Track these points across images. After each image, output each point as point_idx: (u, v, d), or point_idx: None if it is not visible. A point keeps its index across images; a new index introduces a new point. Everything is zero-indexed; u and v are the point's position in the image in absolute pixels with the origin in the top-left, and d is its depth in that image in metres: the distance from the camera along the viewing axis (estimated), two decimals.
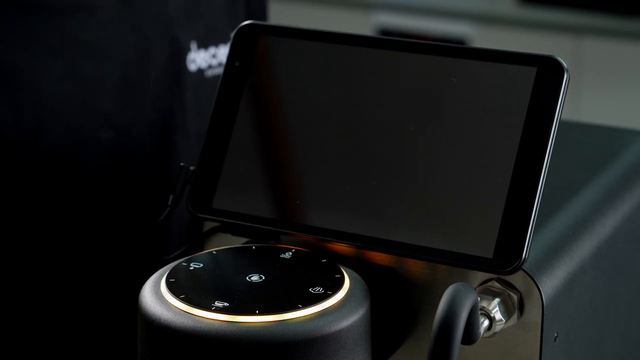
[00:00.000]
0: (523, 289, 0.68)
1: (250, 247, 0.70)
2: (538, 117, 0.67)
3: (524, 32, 2.61)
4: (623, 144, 0.87)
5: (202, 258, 0.69)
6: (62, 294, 0.95)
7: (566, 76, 0.68)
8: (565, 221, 0.74)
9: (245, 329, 0.61)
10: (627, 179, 0.82)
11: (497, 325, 0.67)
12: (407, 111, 0.71)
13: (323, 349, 0.62)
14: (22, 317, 0.94)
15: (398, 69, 0.72)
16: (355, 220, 0.70)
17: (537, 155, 0.67)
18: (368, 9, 2.82)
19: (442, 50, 0.71)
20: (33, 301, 0.94)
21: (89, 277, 0.96)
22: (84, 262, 0.95)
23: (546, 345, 0.68)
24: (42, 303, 0.94)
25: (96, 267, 0.97)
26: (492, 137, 0.68)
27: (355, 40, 0.74)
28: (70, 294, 0.95)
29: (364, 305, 0.65)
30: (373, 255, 0.71)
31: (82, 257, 0.95)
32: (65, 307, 0.95)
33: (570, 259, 0.71)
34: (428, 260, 0.69)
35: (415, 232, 0.68)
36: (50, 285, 0.94)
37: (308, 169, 0.72)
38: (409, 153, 0.70)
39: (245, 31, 0.77)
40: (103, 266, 0.97)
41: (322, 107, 0.73)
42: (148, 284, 0.66)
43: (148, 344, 0.64)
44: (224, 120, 0.76)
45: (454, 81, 0.70)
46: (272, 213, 0.73)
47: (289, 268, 0.68)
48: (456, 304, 0.59)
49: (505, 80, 0.69)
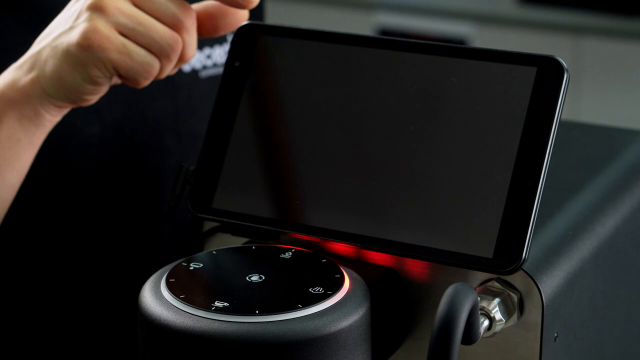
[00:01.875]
0: (523, 289, 0.67)
1: (250, 247, 0.70)
2: (538, 117, 0.67)
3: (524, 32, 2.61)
4: (623, 144, 0.87)
5: (202, 258, 0.69)
6: (61, 294, 0.95)
7: (566, 76, 0.68)
8: (565, 221, 0.74)
9: (245, 329, 0.61)
10: (627, 179, 0.82)
11: (497, 325, 0.67)
12: (407, 111, 0.71)
13: (323, 349, 0.62)
14: (20, 318, 0.94)
15: (398, 69, 0.72)
16: (355, 220, 0.70)
17: (537, 155, 0.67)
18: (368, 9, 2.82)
19: (442, 50, 0.71)
20: (31, 301, 0.94)
21: (86, 276, 0.96)
22: (81, 262, 0.95)
23: (546, 345, 0.68)
24: (39, 303, 0.94)
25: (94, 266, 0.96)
26: (492, 137, 0.68)
27: (355, 40, 0.74)
28: (68, 294, 0.95)
29: (364, 305, 0.65)
30: (373, 255, 0.71)
31: (79, 257, 0.95)
32: (64, 307, 0.95)
33: (570, 259, 0.71)
34: (428, 260, 0.69)
35: (415, 232, 0.68)
36: (48, 285, 0.94)
37: (308, 169, 0.72)
38: (409, 153, 0.70)
39: (245, 31, 0.77)
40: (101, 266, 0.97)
41: (322, 107, 0.73)
42: (148, 284, 0.66)
43: (148, 344, 0.64)
44: (224, 120, 0.76)
45: (454, 81, 0.70)
46: (272, 213, 0.73)
47: (289, 268, 0.68)
48: (456, 304, 0.59)
49: (505, 80, 0.69)
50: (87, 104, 0.80)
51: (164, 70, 0.80)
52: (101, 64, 0.76)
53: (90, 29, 0.76)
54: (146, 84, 0.79)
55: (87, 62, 0.76)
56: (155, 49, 0.78)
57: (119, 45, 0.76)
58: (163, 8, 0.78)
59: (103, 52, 0.76)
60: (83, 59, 0.76)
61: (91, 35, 0.76)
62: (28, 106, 0.79)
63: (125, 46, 0.77)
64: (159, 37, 0.77)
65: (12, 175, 0.81)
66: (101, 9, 0.76)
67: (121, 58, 0.76)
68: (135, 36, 0.77)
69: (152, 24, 0.77)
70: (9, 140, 0.80)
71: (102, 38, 0.76)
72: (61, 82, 0.78)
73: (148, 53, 0.77)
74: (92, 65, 0.76)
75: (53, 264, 0.94)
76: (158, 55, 0.78)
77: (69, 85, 0.78)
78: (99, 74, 0.77)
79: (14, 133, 0.80)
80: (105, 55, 0.76)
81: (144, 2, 0.77)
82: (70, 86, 0.78)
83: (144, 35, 0.77)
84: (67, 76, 0.77)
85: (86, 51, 0.76)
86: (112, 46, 0.76)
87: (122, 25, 0.76)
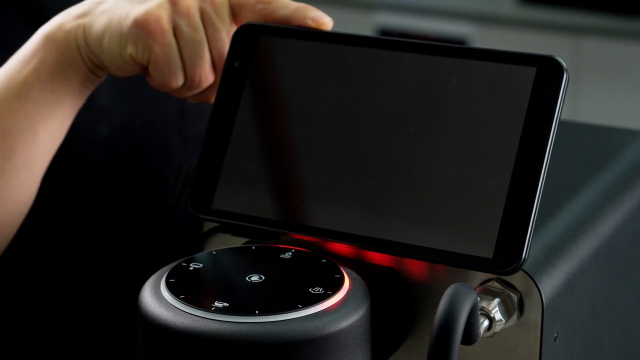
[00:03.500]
0: (523, 289, 0.67)
1: (250, 247, 0.70)
2: (538, 117, 0.67)
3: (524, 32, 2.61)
4: (623, 144, 0.87)
5: (202, 258, 0.69)
6: (62, 292, 0.95)
7: (566, 76, 0.68)
8: (565, 221, 0.74)
9: (245, 329, 0.61)
10: (627, 179, 0.82)
11: (497, 325, 0.67)
12: (407, 111, 0.71)
13: (323, 349, 0.62)
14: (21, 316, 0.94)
15: (398, 69, 0.72)
16: (355, 220, 0.70)
17: (537, 155, 0.67)
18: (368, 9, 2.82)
19: (442, 50, 0.71)
20: (33, 299, 0.94)
21: (87, 275, 0.96)
22: (83, 261, 0.95)
23: (546, 345, 0.68)
24: (41, 301, 0.94)
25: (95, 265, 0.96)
26: (492, 137, 0.68)
27: (355, 40, 0.74)
28: (69, 292, 0.95)
29: (364, 305, 0.65)
30: (373, 255, 0.71)
31: (82, 256, 0.95)
32: (65, 305, 0.95)
33: (570, 259, 0.71)
34: (428, 260, 0.69)
35: (415, 232, 0.68)
36: (50, 282, 0.94)
37: (308, 169, 0.72)
38: (408, 153, 0.70)
39: (245, 31, 0.77)
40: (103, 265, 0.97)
41: (322, 107, 0.73)
42: (148, 284, 0.66)
43: (148, 344, 0.64)
44: (224, 120, 0.76)
45: (454, 81, 0.70)
46: (272, 213, 0.73)
47: (289, 268, 0.68)
48: (456, 304, 0.59)
49: (505, 80, 0.69)
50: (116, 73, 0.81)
51: (181, 92, 0.81)
52: (141, 47, 0.78)
53: (155, 13, 0.77)
54: (162, 90, 0.81)
55: (132, 38, 0.78)
56: (188, 70, 0.79)
57: (166, 44, 0.77)
58: (220, 43, 0.79)
59: (150, 39, 0.77)
60: (129, 34, 0.78)
61: (152, 20, 0.77)
62: (68, 50, 0.80)
63: (171, 47, 0.78)
64: (200, 64, 0.78)
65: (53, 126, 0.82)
66: (174, 3, 0.78)
67: (160, 56, 0.78)
68: (183, 46, 0.78)
69: (204, 50, 0.78)
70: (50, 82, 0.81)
71: (158, 27, 0.77)
72: (100, 40, 0.79)
73: (181, 68, 0.78)
74: (134, 43, 0.78)
75: (55, 262, 0.94)
76: (187, 77, 0.79)
77: (104, 46, 0.79)
78: (135, 54, 0.78)
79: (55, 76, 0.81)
80: (150, 43, 0.77)
81: (208, 25, 0.78)
82: (105, 48, 0.79)
83: (191, 52, 0.78)
84: (108, 38, 0.79)
85: (137, 29, 0.77)
86: (162, 40, 0.77)
87: (180, 29, 0.78)
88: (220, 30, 0.78)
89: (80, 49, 0.80)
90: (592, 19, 2.53)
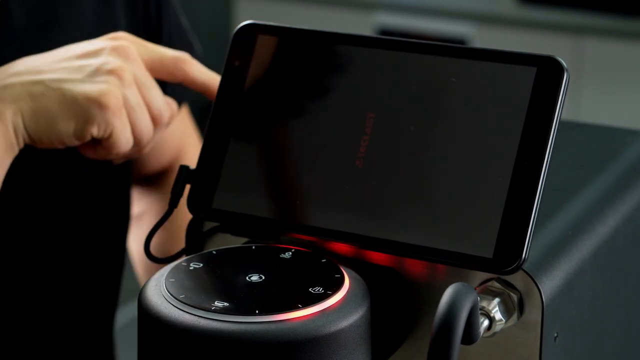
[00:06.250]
0: (523, 289, 0.67)
1: (250, 247, 0.70)
2: (538, 117, 0.67)
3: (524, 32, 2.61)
4: (623, 144, 0.87)
5: (202, 258, 0.68)
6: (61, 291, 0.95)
7: (566, 76, 0.68)
8: (565, 221, 0.74)
9: (245, 329, 0.61)
10: (627, 179, 0.82)
11: (497, 325, 0.67)
12: (407, 111, 0.71)
13: (323, 349, 0.62)
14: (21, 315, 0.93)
15: (398, 69, 0.72)
16: (355, 220, 0.70)
17: (537, 155, 0.67)
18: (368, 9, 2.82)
19: (442, 50, 0.71)
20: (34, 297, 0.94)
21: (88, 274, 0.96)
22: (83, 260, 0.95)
23: (546, 345, 0.68)
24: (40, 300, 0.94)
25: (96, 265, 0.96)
26: (492, 137, 0.68)
27: (355, 40, 0.74)
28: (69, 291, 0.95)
29: (364, 305, 0.65)
30: (373, 255, 0.71)
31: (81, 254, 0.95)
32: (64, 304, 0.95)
33: (570, 259, 0.71)
34: (428, 260, 0.69)
35: (415, 232, 0.68)
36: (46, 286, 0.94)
37: (308, 169, 0.72)
38: (408, 153, 0.70)
39: (244, 31, 0.77)
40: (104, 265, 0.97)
41: (322, 107, 0.73)
42: (148, 284, 0.66)
43: (148, 344, 0.64)
44: (224, 120, 0.75)
45: (454, 81, 0.70)
46: (272, 213, 0.73)
47: (289, 268, 0.68)
48: (456, 304, 0.59)
49: (505, 80, 0.69)
50: (51, 147, 0.80)
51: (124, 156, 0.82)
52: (104, 125, 0.78)
53: (111, 92, 0.77)
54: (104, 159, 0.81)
55: (93, 119, 0.77)
56: (136, 133, 0.80)
57: (124, 117, 0.78)
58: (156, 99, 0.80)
59: (112, 117, 0.77)
60: (90, 115, 0.77)
61: (111, 99, 0.77)
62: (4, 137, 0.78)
63: (127, 119, 0.79)
64: (145, 125, 0.80)
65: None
66: (120, 77, 0.78)
67: (119, 129, 0.78)
68: (131, 113, 0.79)
69: (146, 111, 0.80)
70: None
71: (118, 105, 0.77)
72: (48, 123, 0.77)
73: (131, 133, 0.80)
74: (96, 123, 0.77)
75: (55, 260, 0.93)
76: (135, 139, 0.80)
77: (55, 128, 0.78)
78: (95, 133, 0.78)
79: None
80: (112, 120, 0.77)
81: (143, 88, 0.80)
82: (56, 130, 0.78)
83: (136, 116, 0.79)
84: (60, 121, 0.77)
85: (100, 110, 0.77)
86: (121, 115, 0.78)
87: (127, 98, 0.78)
88: (151, 89, 0.80)
89: (18, 134, 0.78)
90: (592, 19, 2.54)
